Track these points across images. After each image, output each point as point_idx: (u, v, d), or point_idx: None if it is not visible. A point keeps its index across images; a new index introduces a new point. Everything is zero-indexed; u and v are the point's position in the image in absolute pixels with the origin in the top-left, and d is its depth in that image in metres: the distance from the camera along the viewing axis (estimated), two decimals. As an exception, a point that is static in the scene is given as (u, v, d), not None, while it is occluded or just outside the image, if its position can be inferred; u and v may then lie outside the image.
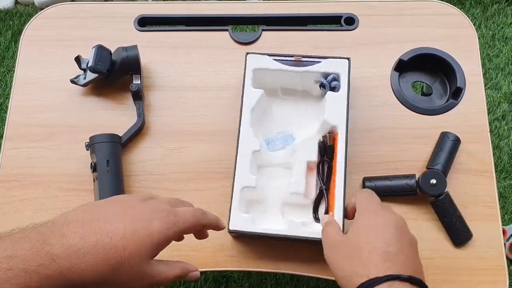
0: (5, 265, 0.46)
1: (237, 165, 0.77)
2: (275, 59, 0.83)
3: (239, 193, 0.75)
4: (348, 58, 0.83)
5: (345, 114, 0.79)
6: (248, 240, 0.81)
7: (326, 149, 0.80)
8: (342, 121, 0.79)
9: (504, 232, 1.48)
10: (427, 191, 0.79)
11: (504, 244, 1.46)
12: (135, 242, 0.52)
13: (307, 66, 0.83)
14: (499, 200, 0.83)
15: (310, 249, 0.79)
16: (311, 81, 0.85)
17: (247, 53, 0.84)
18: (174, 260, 0.58)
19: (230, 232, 0.74)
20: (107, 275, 0.50)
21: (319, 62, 0.83)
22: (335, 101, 0.80)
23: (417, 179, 0.80)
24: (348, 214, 0.72)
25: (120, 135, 0.84)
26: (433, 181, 0.78)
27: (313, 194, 0.80)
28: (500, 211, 0.83)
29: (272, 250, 0.80)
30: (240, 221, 0.74)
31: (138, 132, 0.86)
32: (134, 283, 0.53)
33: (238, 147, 0.78)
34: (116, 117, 0.89)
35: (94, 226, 0.51)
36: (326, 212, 0.78)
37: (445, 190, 0.79)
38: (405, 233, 0.62)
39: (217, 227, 0.63)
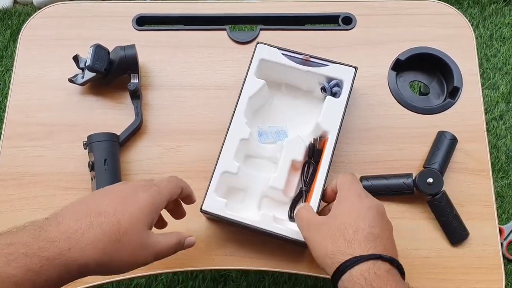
0: (6, 250, 0.48)
1: (222, 149, 0.78)
2: (283, 53, 0.84)
3: (218, 177, 0.76)
4: (355, 67, 0.83)
5: (339, 121, 0.79)
6: (242, 237, 0.81)
7: (314, 152, 0.80)
8: (334, 127, 0.79)
9: (501, 231, 1.48)
10: (424, 190, 0.79)
11: (501, 243, 1.46)
12: (127, 215, 0.56)
13: (314, 67, 0.83)
14: (496, 199, 0.83)
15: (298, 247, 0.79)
16: (315, 82, 0.85)
17: (258, 42, 0.85)
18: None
19: (202, 212, 0.75)
20: (109, 252, 0.53)
21: (327, 65, 0.83)
22: (333, 106, 0.81)
23: (414, 178, 0.80)
24: (328, 196, 0.73)
25: (118, 134, 0.84)
26: (430, 180, 0.79)
27: (292, 193, 0.80)
28: (497, 211, 0.83)
29: (267, 247, 0.80)
30: (214, 204, 0.75)
31: (136, 131, 0.86)
32: (137, 256, 0.56)
33: (228, 133, 0.79)
34: (114, 116, 0.89)
35: (86, 210, 0.55)
36: None
37: (442, 189, 0.79)
38: (385, 218, 0.65)
39: (190, 196, 0.69)
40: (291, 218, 0.78)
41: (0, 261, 0.47)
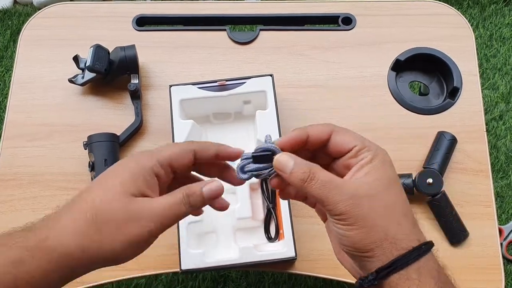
0: None
1: None
2: (199, 87, 0.83)
3: (185, 230, 0.74)
4: (271, 75, 0.83)
5: (277, 129, 0.79)
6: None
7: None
8: (275, 137, 0.78)
9: (501, 231, 1.48)
10: (423, 191, 0.79)
11: (501, 243, 1.46)
12: (102, 189, 0.47)
13: (232, 89, 0.83)
14: (496, 199, 0.83)
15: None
16: (240, 102, 0.85)
17: (170, 86, 0.83)
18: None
19: (183, 272, 0.73)
20: (91, 234, 0.45)
21: (244, 83, 0.83)
22: (266, 119, 0.80)
23: (413, 179, 0.80)
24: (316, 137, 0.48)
25: (118, 134, 0.84)
26: (430, 180, 0.79)
27: (261, 214, 0.80)
28: (497, 211, 0.83)
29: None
30: (191, 259, 0.73)
31: (136, 131, 0.86)
32: (125, 231, 0.45)
33: None
34: (114, 116, 0.89)
35: (73, 198, 0.47)
36: (277, 230, 0.77)
37: (442, 190, 0.79)
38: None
39: (227, 153, 0.52)
40: (269, 239, 0.78)
41: None
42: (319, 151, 0.49)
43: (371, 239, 0.43)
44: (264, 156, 0.47)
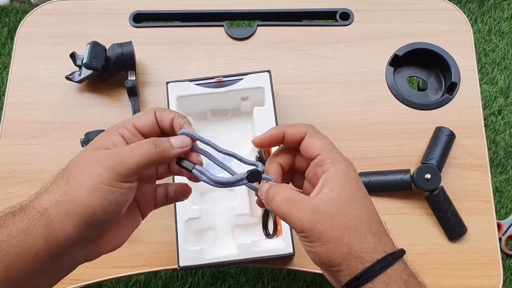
0: None
1: None
2: (197, 84, 0.82)
3: (183, 227, 0.74)
4: (268, 71, 0.82)
5: (275, 125, 0.79)
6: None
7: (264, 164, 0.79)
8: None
9: (499, 226, 1.48)
10: (421, 186, 0.79)
11: (500, 238, 1.46)
12: (80, 155, 0.47)
13: (230, 85, 0.82)
14: (495, 194, 0.83)
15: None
16: (237, 99, 0.84)
17: (167, 82, 0.82)
18: None
19: (181, 269, 0.72)
20: (62, 187, 0.45)
21: (241, 79, 0.82)
22: (263, 115, 0.80)
23: (411, 174, 0.80)
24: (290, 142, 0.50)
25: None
26: (428, 176, 0.79)
27: (259, 211, 0.79)
28: (496, 206, 0.83)
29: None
30: (190, 256, 0.72)
31: (133, 128, 0.86)
32: (92, 169, 0.44)
33: (174, 179, 0.75)
34: (112, 113, 0.89)
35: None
36: (275, 227, 0.77)
37: (440, 185, 0.79)
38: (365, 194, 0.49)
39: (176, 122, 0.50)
40: (268, 235, 0.78)
41: None
42: (298, 153, 0.51)
43: (336, 254, 0.44)
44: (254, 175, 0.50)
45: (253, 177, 0.50)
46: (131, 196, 0.47)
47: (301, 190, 0.52)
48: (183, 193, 0.56)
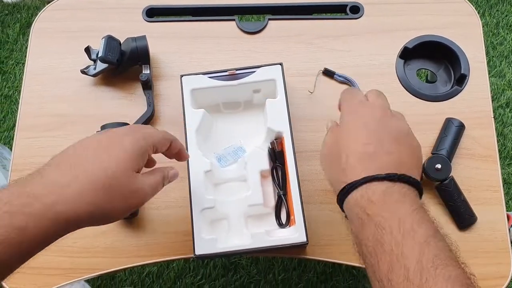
0: None
1: (191, 188, 0.77)
2: (210, 77, 0.84)
3: (198, 216, 0.75)
4: (280, 64, 0.84)
5: (287, 118, 0.80)
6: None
7: (276, 155, 0.81)
8: (285, 125, 0.79)
9: (508, 217, 1.49)
10: (432, 176, 0.80)
11: (509, 229, 1.47)
12: (113, 162, 0.53)
13: (243, 78, 0.83)
14: (503, 186, 0.84)
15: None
16: (249, 91, 0.85)
17: (181, 76, 0.84)
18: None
19: (197, 257, 0.74)
20: (100, 200, 0.51)
21: (254, 71, 0.84)
22: (275, 107, 0.81)
23: (422, 164, 0.81)
24: None
25: (131, 124, 0.85)
26: (438, 166, 0.80)
27: (272, 201, 0.81)
28: (505, 197, 0.84)
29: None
30: (205, 245, 0.74)
31: (148, 120, 0.88)
32: (128, 202, 0.54)
33: (189, 170, 0.78)
34: (126, 106, 0.90)
35: (68, 161, 0.52)
36: (288, 217, 0.79)
37: (450, 175, 0.80)
38: (387, 127, 0.58)
39: (181, 152, 0.68)
40: (280, 225, 0.79)
41: None
42: None
43: (331, 170, 0.60)
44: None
45: None
46: None
47: None
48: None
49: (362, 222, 0.52)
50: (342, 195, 0.54)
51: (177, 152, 0.67)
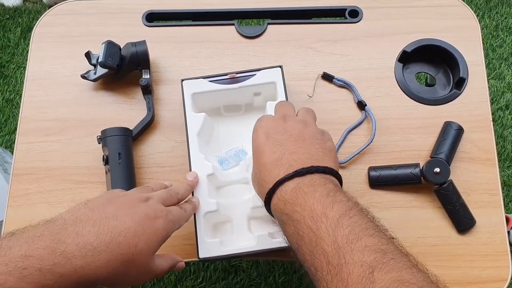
0: (21, 264, 0.47)
1: (194, 192, 0.77)
2: (210, 81, 0.84)
3: (202, 220, 0.76)
4: (280, 66, 0.84)
5: None
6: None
7: None
8: None
9: (508, 220, 1.49)
10: (431, 180, 0.80)
11: (508, 232, 1.47)
12: (144, 239, 0.56)
13: (243, 81, 0.84)
14: (503, 188, 0.84)
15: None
16: (250, 94, 0.86)
17: (182, 80, 0.84)
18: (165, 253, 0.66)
19: (201, 260, 0.74)
20: (120, 270, 0.54)
21: (254, 75, 0.84)
22: None
23: (421, 168, 0.82)
24: None
25: (131, 129, 0.86)
26: (437, 169, 0.80)
27: None
28: (504, 199, 0.84)
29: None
30: (209, 248, 0.74)
31: (148, 125, 0.88)
32: (141, 277, 0.58)
33: None
34: (126, 111, 0.91)
35: (107, 224, 0.55)
36: None
37: (449, 178, 0.81)
38: (291, 132, 0.62)
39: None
40: None
41: (14, 276, 0.46)
42: None
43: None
44: None
45: None
46: None
47: None
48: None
49: (284, 223, 0.55)
50: (267, 206, 0.59)
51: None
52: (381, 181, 0.83)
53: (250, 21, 1.71)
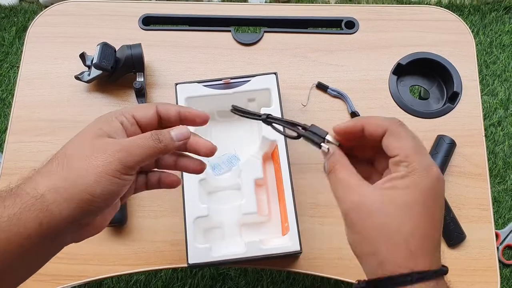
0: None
1: (185, 196, 0.76)
2: (205, 85, 0.84)
3: (192, 225, 0.75)
4: (275, 73, 0.84)
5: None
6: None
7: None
8: (279, 134, 0.79)
9: (497, 236, 1.50)
10: (422, 192, 0.80)
11: (497, 247, 1.48)
12: (72, 141, 0.52)
13: (237, 86, 0.84)
14: (493, 204, 0.84)
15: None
16: (244, 100, 0.86)
17: (176, 84, 0.84)
18: None
19: (190, 266, 0.73)
20: (64, 173, 0.47)
21: (249, 81, 0.84)
22: None
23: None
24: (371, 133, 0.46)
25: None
26: (429, 182, 0.80)
27: (266, 209, 0.80)
28: (494, 215, 0.84)
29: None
30: (198, 253, 0.73)
31: (140, 128, 0.87)
32: (98, 159, 0.46)
33: (183, 179, 0.77)
34: (119, 113, 0.90)
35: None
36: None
37: (440, 192, 0.81)
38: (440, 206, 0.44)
39: (191, 116, 0.55)
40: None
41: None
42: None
43: (360, 249, 0.43)
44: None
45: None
46: (128, 187, 0.49)
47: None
48: (169, 184, 0.57)
49: None
50: (400, 281, 0.41)
51: (185, 119, 0.54)
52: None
53: (247, 28, 1.72)
